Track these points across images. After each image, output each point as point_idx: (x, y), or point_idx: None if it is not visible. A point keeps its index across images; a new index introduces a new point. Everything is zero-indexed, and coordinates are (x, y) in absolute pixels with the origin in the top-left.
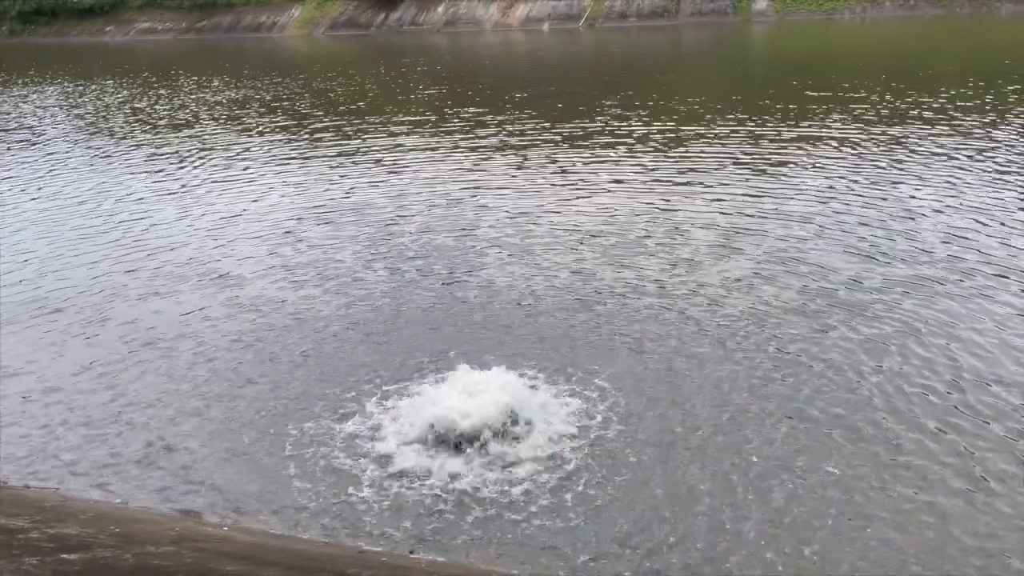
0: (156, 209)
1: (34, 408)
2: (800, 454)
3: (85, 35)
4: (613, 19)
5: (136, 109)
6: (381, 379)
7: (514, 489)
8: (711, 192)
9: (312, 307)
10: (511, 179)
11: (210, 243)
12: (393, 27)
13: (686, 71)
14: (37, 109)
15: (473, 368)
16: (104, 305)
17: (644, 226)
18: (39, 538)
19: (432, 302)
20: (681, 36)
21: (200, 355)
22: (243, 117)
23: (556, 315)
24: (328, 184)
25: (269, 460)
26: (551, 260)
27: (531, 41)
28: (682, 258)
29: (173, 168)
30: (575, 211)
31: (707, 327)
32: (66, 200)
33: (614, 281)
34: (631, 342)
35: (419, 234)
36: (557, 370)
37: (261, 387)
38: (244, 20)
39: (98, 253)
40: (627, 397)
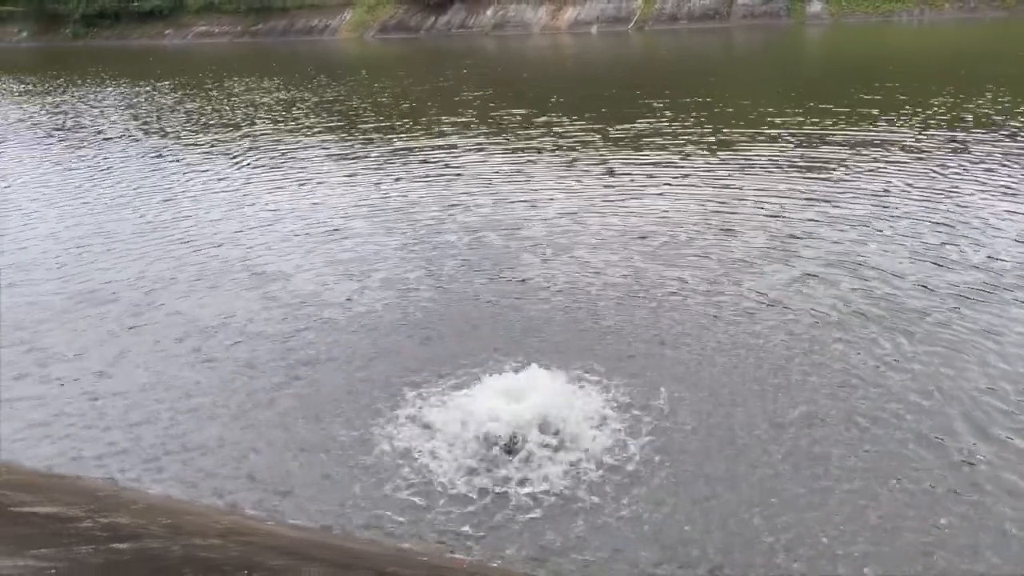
0: (207, 206)
1: (85, 399)
2: (879, 464)
3: (145, 38)
4: (663, 21)
5: (190, 109)
6: (426, 378)
7: (560, 492)
8: (764, 194)
9: (357, 305)
10: (559, 179)
11: (259, 240)
12: (442, 30)
13: (738, 73)
14: (97, 109)
15: (517, 369)
16: (152, 298)
17: (695, 227)
18: (92, 527)
19: (478, 302)
20: (733, 39)
21: (247, 351)
22: (294, 117)
23: (605, 317)
24: (376, 183)
25: (312, 456)
26: (599, 261)
27: (580, 44)
28: (735, 260)
29: (225, 166)
30: (624, 212)
31: (762, 332)
32: (121, 196)
33: (664, 283)
34: (682, 345)
35: (465, 234)
36: (606, 373)
37: (305, 384)
38: (297, 24)
39: (149, 247)
40: (683, 403)
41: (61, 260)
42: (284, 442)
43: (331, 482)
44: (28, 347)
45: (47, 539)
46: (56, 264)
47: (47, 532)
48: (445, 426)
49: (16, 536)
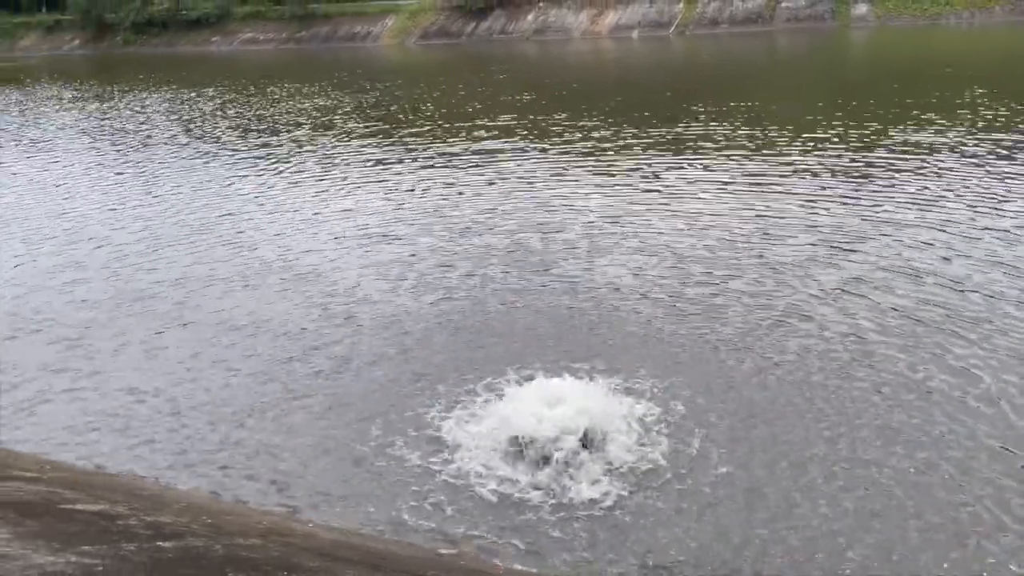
0: (250, 209)
1: (127, 397)
2: (945, 480)
3: (192, 45)
4: (704, 26)
5: (235, 114)
6: (464, 382)
7: (601, 501)
8: (811, 197)
9: (396, 307)
10: (601, 183)
11: (301, 242)
12: (483, 36)
13: (781, 77)
14: (145, 114)
15: (554, 375)
16: (194, 299)
17: (740, 231)
18: (136, 525)
19: (516, 305)
20: (776, 42)
21: (286, 351)
22: (336, 122)
23: (647, 321)
24: (416, 186)
25: (352, 459)
26: (641, 265)
27: (620, 49)
28: (783, 264)
29: (268, 170)
30: (668, 215)
31: (814, 339)
32: (167, 199)
33: (707, 288)
34: (727, 352)
35: (506, 237)
36: (647, 379)
37: (344, 385)
38: (340, 30)
39: (193, 249)
40: (724, 412)
41: (108, 261)
42: (323, 443)
43: (371, 484)
44: (72, 344)
45: (93, 536)
46: (103, 265)
47: (93, 529)
48: (484, 432)
49: (63, 533)
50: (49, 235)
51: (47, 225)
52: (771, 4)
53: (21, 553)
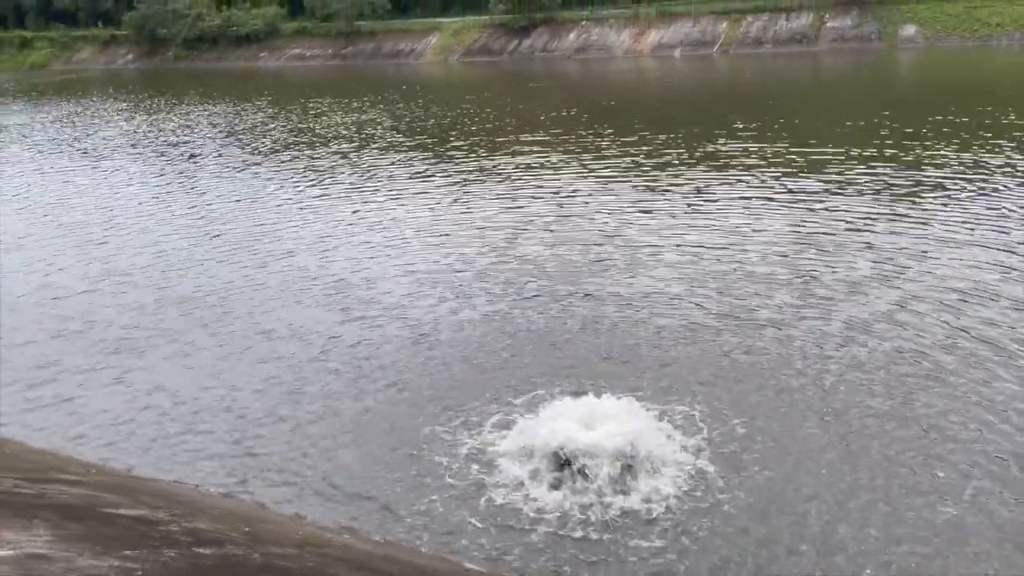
0: (292, 219)
1: (166, 402)
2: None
3: (241, 60)
4: (748, 45)
5: (281, 127)
6: (502, 398)
7: (634, 520)
8: (859, 216)
9: (435, 318)
10: (642, 198)
11: (341, 252)
12: (525, 54)
13: (827, 96)
14: (193, 126)
15: (593, 394)
16: (235, 306)
17: (785, 248)
18: (177, 531)
19: (553, 322)
20: (821, 63)
21: (325, 362)
22: (378, 136)
23: (690, 340)
24: (457, 200)
25: (389, 471)
26: (683, 283)
27: (663, 67)
28: (830, 284)
29: (312, 182)
30: (710, 233)
31: (863, 362)
32: (213, 207)
33: (752, 306)
34: (773, 373)
35: (545, 250)
36: (686, 400)
37: (382, 397)
38: (385, 47)
39: (235, 256)
40: (766, 436)
41: (153, 267)
42: (361, 454)
43: (408, 497)
44: (115, 348)
45: (134, 541)
46: (148, 270)
47: (134, 534)
48: (514, 448)
49: (105, 536)
50: (97, 241)
51: (96, 231)
52: (816, 24)
53: (64, 555)
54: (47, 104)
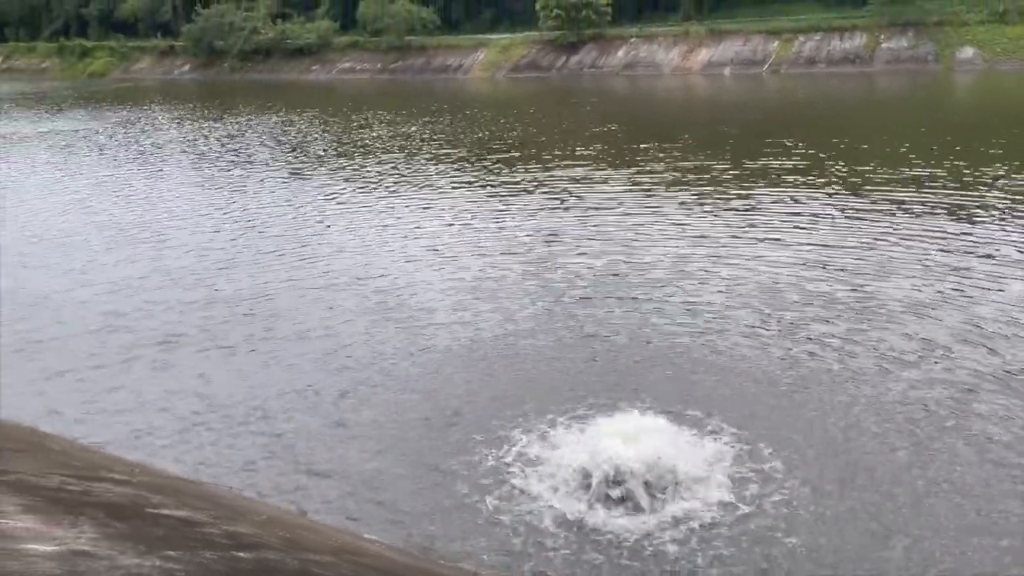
0: (338, 228)
1: (217, 409)
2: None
3: (294, 73)
4: (800, 65)
5: (330, 138)
6: (540, 413)
7: (667, 542)
8: (912, 238)
9: (474, 330)
10: (688, 214)
11: (384, 261)
12: (573, 70)
13: (883, 117)
14: (245, 135)
15: (633, 412)
16: (276, 312)
17: (837, 268)
18: (216, 534)
19: (592, 337)
20: (876, 83)
21: (364, 370)
22: (424, 148)
23: (736, 359)
24: (500, 213)
25: (426, 482)
26: (732, 303)
27: (712, 85)
28: (882, 307)
29: (358, 191)
30: (759, 250)
31: (916, 390)
32: (260, 214)
33: (802, 327)
34: (823, 397)
35: (589, 264)
36: (727, 423)
37: (419, 407)
38: (434, 62)
39: (278, 261)
40: (808, 465)
41: (198, 269)
42: (399, 464)
43: (445, 509)
44: (161, 346)
45: (177, 541)
46: (195, 271)
47: (177, 535)
48: (549, 462)
49: (149, 536)
50: (145, 240)
51: (147, 232)
52: (871, 45)
53: (108, 554)
54: (104, 111)
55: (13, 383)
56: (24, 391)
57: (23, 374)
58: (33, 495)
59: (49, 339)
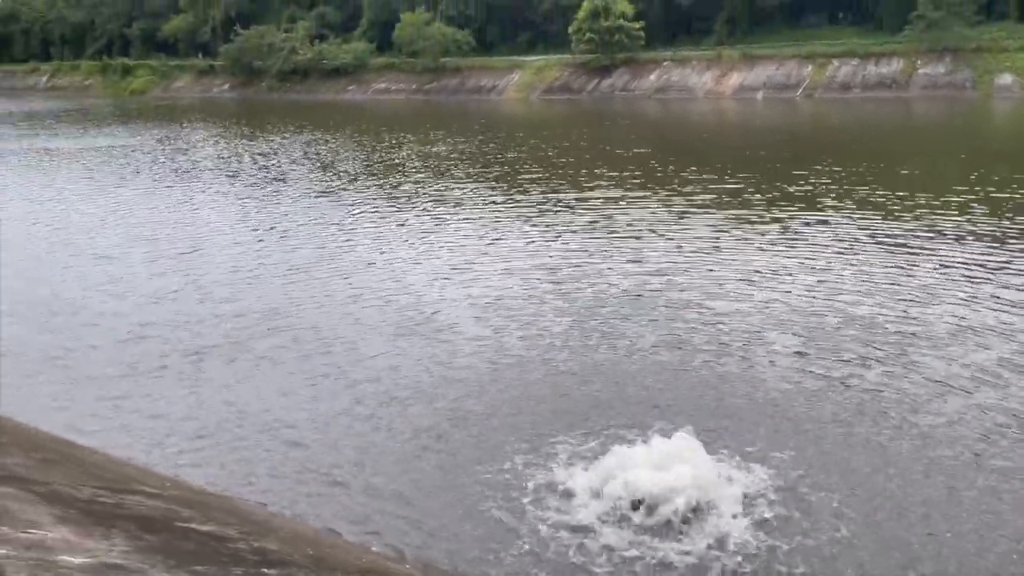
0: (368, 242)
1: (245, 423)
2: None
3: (330, 93)
4: (834, 90)
5: (364, 156)
6: (575, 436)
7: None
8: (951, 263)
9: (505, 354)
10: (719, 236)
11: (408, 278)
12: (605, 93)
13: (919, 143)
14: (281, 152)
15: (667, 437)
16: (307, 327)
17: (873, 293)
18: (244, 549)
19: (627, 360)
20: (912, 109)
21: (396, 390)
22: (457, 167)
23: (767, 386)
24: (530, 232)
25: (456, 504)
26: (764, 326)
27: (745, 109)
28: (922, 333)
29: (390, 209)
30: (792, 274)
31: (956, 422)
32: (292, 230)
33: (838, 353)
34: (857, 429)
35: (619, 284)
36: (761, 449)
37: (449, 430)
38: (468, 83)
39: (310, 273)
40: (845, 498)
41: (231, 285)
42: (429, 486)
43: (474, 531)
44: (193, 359)
45: (206, 556)
46: (228, 285)
47: (206, 550)
48: (584, 487)
49: (178, 550)
50: (179, 254)
51: (180, 247)
52: (908, 70)
53: (138, 567)
54: (144, 128)
55: (49, 392)
56: (57, 400)
57: (56, 382)
58: (66, 506)
59: (83, 347)
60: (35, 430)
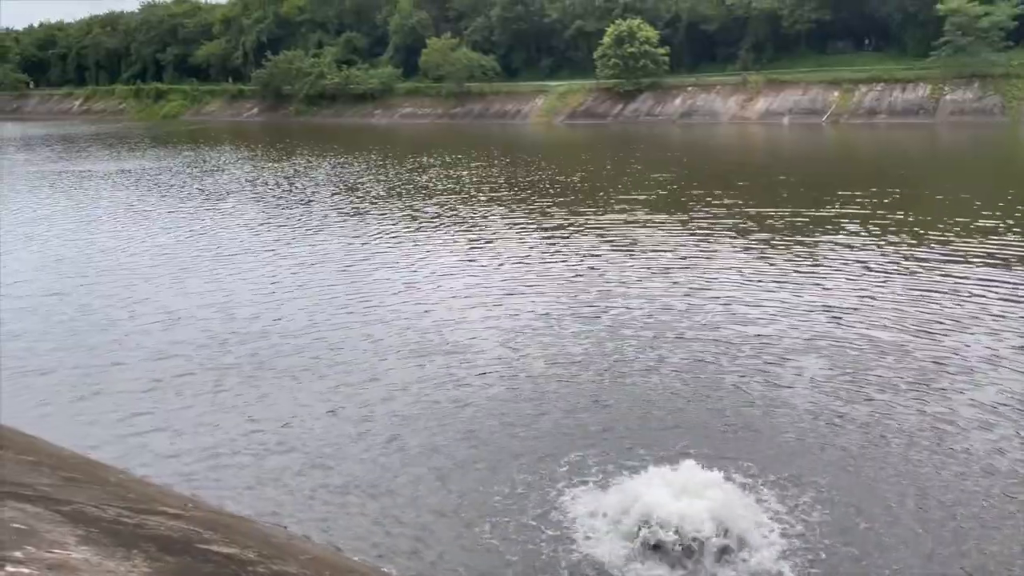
0: (392, 262)
1: (266, 443)
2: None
3: (357, 117)
4: (860, 116)
5: (389, 178)
6: (595, 460)
7: None
8: (978, 289)
9: (526, 378)
10: (745, 261)
11: (429, 300)
12: (629, 117)
13: (947, 169)
14: (308, 174)
15: (691, 464)
16: (331, 348)
17: (901, 322)
18: (265, 573)
19: (650, 384)
20: (939, 135)
21: (417, 413)
22: (481, 190)
23: (795, 418)
24: (553, 256)
25: (477, 529)
26: (788, 353)
27: (770, 135)
28: (960, 364)
29: (414, 229)
30: (819, 298)
31: (983, 460)
32: (317, 250)
33: (870, 383)
34: (887, 464)
35: (643, 308)
36: (796, 480)
37: (477, 456)
38: (492, 108)
39: (334, 292)
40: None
41: (259, 301)
42: (450, 512)
43: (495, 559)
44: (217, 378)
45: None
46: (253, 305)
47: (225, 572)
48: (606, 514)
49: (199, 572)
50: (206, 273)
51: (206, 266)
52: (935, 96)
53: None
54: (175, 151)
55: (75, 409)
56: (83, 414)
57: (82, 399)
58: (90, 526)
59: (110, 364)
60: (61, 448)
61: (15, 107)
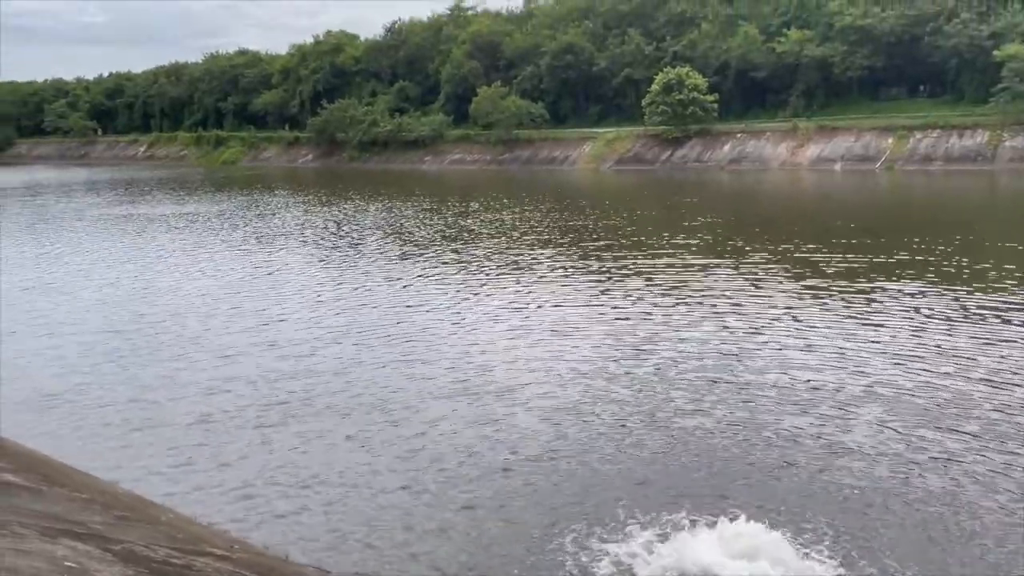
0: (438, 304)
1: (301, 484)
2: None
3: (408, 163)
4: (916, 162)
5: (437, 222)
6: (640, 514)
7: None
8: None
9: (573, 424)
10: (795, 308)
11: (476, 344)
12: (677, 163)
13: (1006, 217)
14: (359, 218)
15: (744, 522)
16: (376, 389)
17: (956, 372)
18: None
19: (697, 436)
20: (998, 182)
21: (453, 456)
22: (527, 234)
23: (846, 474)
24: (600, 301)
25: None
26: (848, 405)
27: (822, 181)
28: (1010, 414)
29: (461, 272)
30: (875, 345)
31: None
32: (364, 292)
33: (921, 439)
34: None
35: (690, 352)
36: (854, 542)
37: (502, 498)
38: (540, 154)
39: (381, 334)
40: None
41: (304, 343)
42: (490, 558)
43: None
44: (258, 418)
45: None
46: (302, 344)
47: None
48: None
49: None
50: (257, 312)
51: (262, 305)
52: (993, 142)
53: None
54: (232, 195)
55: (125, 444)
56: (132, 448)
57: (133, 435)
58: (139, 566)
59: (163, 400)
60: (113, 484)
61: (83, 153)
